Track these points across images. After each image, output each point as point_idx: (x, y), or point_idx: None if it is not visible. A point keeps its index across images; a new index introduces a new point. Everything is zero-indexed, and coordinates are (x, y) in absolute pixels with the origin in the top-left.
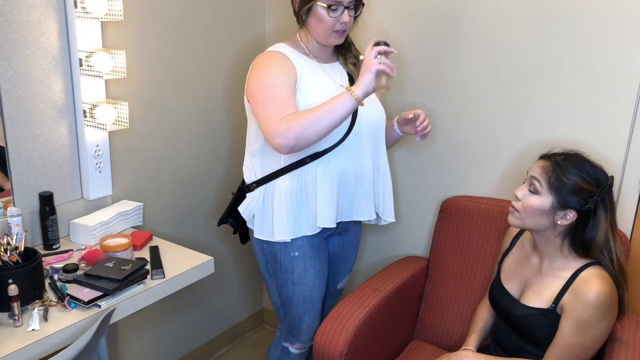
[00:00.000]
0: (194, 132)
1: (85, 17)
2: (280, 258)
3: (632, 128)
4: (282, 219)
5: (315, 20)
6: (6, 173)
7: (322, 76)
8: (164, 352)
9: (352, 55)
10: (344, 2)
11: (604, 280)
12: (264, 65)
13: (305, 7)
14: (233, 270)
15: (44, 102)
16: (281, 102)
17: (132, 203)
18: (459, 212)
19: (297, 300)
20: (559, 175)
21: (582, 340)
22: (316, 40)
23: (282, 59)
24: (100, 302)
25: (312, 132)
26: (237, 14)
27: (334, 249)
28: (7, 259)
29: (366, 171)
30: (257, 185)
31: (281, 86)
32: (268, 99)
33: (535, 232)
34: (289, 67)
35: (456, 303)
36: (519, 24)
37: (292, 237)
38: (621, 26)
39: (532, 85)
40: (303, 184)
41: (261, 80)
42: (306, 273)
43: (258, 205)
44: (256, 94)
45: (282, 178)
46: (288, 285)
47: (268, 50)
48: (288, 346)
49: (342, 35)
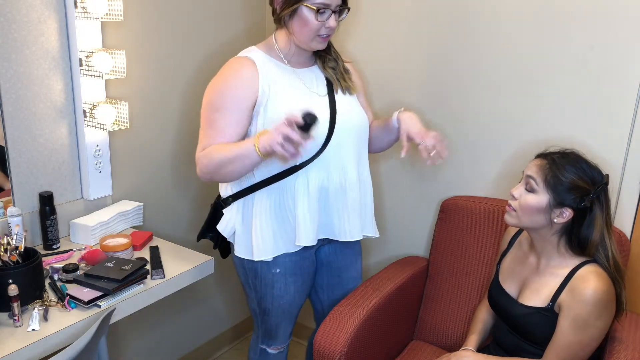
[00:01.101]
0: (194, 132)
1: (85, 17)
2: (261, 273)
3: (632, 128)
4: (262, 237)
5: (299, 23)
6: (6, 173)
7: (293, 84)
8: (164, 352)
9: (332, 58)
10: (332, 6)
11: (600, 277)
12: (223, 79)
13: (289, 9)
14: (233, 270)
15: (44, 102)
16: (215, 131)
17: (132, 203)
18: (459, 212)
19: (275, 312)
20: (556, 173)
21: (581, 338)
22: (297, 44)
23: (245, 72)
24: (100, 302)
25: (224, 173)
26: (238, 13)
27: (328, 257)
28: (7, 259)
29: (351, 184)
30: (234, 200)
31: (224, 113)
32: (207, 121)
33: (532, 230)
34: (248, 84)
35: (456, 303)
36: (518, 24)
37: (272, 255)
38: (621, 26)
39: (532, 85)
40: (282, 200)
41: (211, 97)
42: (287, 288)
43: (237, 221)
44: (203, 108)
45: (260, 193)
46: (267, 299)
47: (238, 56)
48: (265, 348)
49: (325, 40)
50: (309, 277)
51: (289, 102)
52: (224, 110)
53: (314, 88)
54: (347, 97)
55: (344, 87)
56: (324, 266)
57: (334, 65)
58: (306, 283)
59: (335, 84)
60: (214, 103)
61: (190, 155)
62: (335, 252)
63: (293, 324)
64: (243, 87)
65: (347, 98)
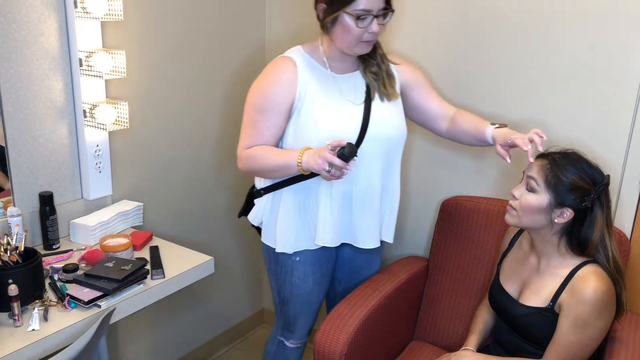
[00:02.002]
0: (194, 132)
1: (85, 17)
2: (282, 260)
3: (632, 128)
4: (285, 231)
5: (341, 30)
6: (6, 173)
7: (329, 91)
8: (164, 352)
9: (375, 62)
10: (374, 11)
11: (601, 277)
12: (266, 81)
13: (331, 16)
14: (233, 270)
15: (44, 102)
16: (257, 131)
17: (132, 203)
18: (459, 212)
19: (294, 301)
20: (556, 173)
21: (581, 338)
22: (340, 50)
23: (286, 75)
24: (100, 302)
25: (263, 176)
26: (238, 13)
27: (349, 256)
28: (7, 259)
29: (376, 192)
30: (265, 192)
31: (266, 113)
32: (250, 121)
33: (532, 230)
34: (288, 88)
35: (456, 303)
36: (518, 24)
37: (293, 250)
38: (621, 26)
39: (531, 85)
40: (307, 199)
41: (255, 98)
42: (305, 278)
43: (266, 212)
44: (246, 109)
45: (288, 190)
46: (287, 287)
47: (282, 56)
48: (283, 340)
49: (369, 45)
50: (328, 271)
51: (324, 109)
52: (265, 112)
53: (350, 96)
54: (385, 104)
55: (383, 93)
56: (345, 263)
57: (376, 70)
58: (325, 277)
59: (373, 90)
60: (256, 104)
61: (190, 155)
62: (356, 253)
63: (312, 321)
64: (283, 91)
65: (386, 105)
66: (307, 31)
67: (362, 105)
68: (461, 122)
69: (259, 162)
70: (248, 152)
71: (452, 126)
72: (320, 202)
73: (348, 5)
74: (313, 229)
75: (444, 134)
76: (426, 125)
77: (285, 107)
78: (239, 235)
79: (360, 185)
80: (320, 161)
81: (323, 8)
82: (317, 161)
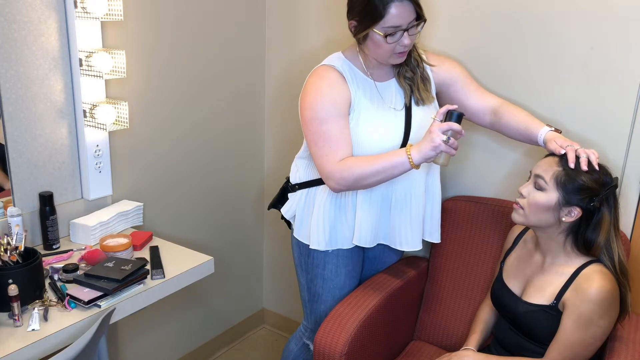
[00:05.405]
0: (194, 132)
1: (85, 17)
2: (314, 253)
3: (632, 128)
4: (319, 228)
5: (373, 46)
6: (6, 173)
7: (374, 97)
8: (164, 352)
9: (409, 68)
10: (403, 26)
11: (605, 277)
12: (317, 89)
13: (361, 34)
14: (233, 270)
15: (44, 102)
16: (333, 142)
17: (132, 203)
18: (459, 212)
19: (325, 297)
20: (568, 171)
21: (583, 337)
22: (375, 60)
23: (336, 81)
24: (100, 302)
25: (365, 184)
26: (238, 13)
27: (375, 253)
28: (7, 259)
29: (416, 196)
30: (300, 188)
31: (333, 121)
32: (320, 136)
33: (538, 229)
34: (343, 92)
35: (456, 303)
36: (518, 24)
37: (327, 248)
38: (621, 26)
39: (532, 85)
40: (343, 200)
41: (314, 110)
42: (337, 271)
43: (299, 207)
44: (309, 124)
45: (324, 188)
46: (318, 281)
47: (324, 65)
48: (309, 344)
49: (403, 56)
50: (359, 264)
51: (368, 118)
52: (331, 119)
53: (392, 102)
54: (422, 108)
55: (418, 98)
56: (368, 259)
57: (411, 75)
58: (356, 269)
59: (407, 96)
60: (318, 116)
61: (190, 155)
62: (384, 252)
63: None
64: (340, 93)
65: (424, 110)
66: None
67: (403, 110)
68: (509, 117)
69: (357, 170)
70: (342, 165)
71: (498, 120)
72: (358, 204)
73: (376, 24)
74: (347, 229)
75: (488, 126)
76: (469, 120)
77: (346, 108)
78: (239, 235)
79: (400, 189)
80: (434, 136)
81: (354, 25)
82: (432, 139)
